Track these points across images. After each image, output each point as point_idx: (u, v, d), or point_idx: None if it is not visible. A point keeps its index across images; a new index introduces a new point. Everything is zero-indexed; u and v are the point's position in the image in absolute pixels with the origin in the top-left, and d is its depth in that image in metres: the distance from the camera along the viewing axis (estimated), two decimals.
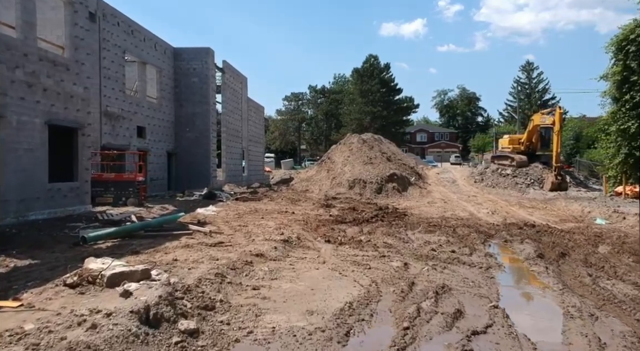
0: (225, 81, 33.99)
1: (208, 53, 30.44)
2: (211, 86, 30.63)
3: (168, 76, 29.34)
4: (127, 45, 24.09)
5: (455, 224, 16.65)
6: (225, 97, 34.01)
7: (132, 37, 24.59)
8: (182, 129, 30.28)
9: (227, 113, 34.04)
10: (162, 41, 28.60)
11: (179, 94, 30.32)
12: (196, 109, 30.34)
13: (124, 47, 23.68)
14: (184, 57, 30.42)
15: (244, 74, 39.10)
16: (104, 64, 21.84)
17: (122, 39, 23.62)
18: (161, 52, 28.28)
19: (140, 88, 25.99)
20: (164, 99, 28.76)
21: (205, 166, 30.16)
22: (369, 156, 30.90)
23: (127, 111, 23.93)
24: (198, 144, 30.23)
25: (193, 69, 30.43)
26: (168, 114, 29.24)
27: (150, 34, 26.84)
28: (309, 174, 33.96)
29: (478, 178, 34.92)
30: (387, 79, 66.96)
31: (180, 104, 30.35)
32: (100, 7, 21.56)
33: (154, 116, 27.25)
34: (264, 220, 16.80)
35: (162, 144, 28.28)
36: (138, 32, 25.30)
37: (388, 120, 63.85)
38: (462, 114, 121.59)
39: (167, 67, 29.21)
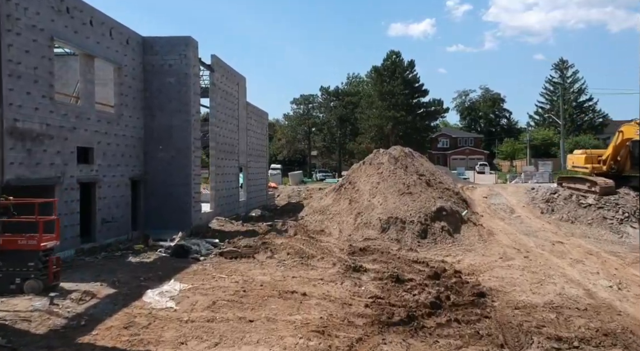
0: (214, 81, 26.08)
1: (188, 44, 22.53)
2: (193, 88, 22.72)
3: (133, 75, 21.48)
4: (57, 28, 16.26)
5: (594, 338, 8.88)
6: (215, 103, 26.10)
7: (65, 16, 16.75)
8: (154, 147, 22.40)
9: (217, 123, 26.13)
10: (123, 27, 20.77)
11: (149, 100, 22.45)
12: (173, 120, 22.43)
13: (49, 31, 15.85)
14: (156, 49, 22.55)
15: (241, 74, 31.25)
16: (10, 54, 14.01)
17: (48, 18, 15.80)
18: (120, 42, 20.42)
19: (85, 92, 18.15)
20: (126, 106, 20.89)
21: (185, 198, 22.24)
22: (406, 183, 22.80)
23: (56, 127, 16.09)
24: (175, 167, 22.32)
25: (169, 65, 22.53)
26: (132, 127, 21.37)
27: (101, 16, 19.02)
28: (324, 203, 25.93)
29: (545, 208, 26.66)
30: (411, 79, 58.57)
31: (151, 113, 22.47)
32: None
33: (109, 131, 19.40)
34: (254, 332, 9.01)
35: (123, 169, 20.42)
36: (78, 11, 17.47)
37: (412, 126, 55.54)
38: (486, 117, 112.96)
39: (132, 62, 21.36)
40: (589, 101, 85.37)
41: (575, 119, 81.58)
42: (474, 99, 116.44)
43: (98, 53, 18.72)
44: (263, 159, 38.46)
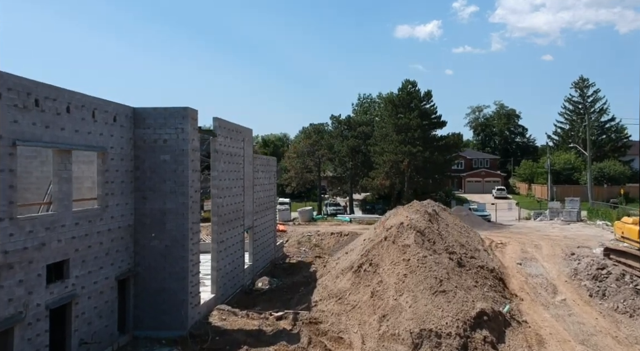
0: (216, 147, 23.13)
1: (186, 116, 19.54)
2: (191, 165, 19.73)
3: (121, 155, 18.53)
4: (21, 129, 13.32)
5: None
6: (217, 172, 23.14)
7: (33, 111, 13.81)
8: (145, 234, 19.42)
9: (219, 194, 23.17)
10: (109, 104, 17.84)
11: (140, 181, 19.49)
12: (167, 204, 19.44)
13: (11, 135, 12.90)
14: (149, 122, 19.59)
15: (246, 127, 28.34)
16: None
17: (9, 120, 12.85)
18: (105, 122, 17.48)
19: (59, 194, 15.18)
20: (112, 195, 17.93)
21: (181, 294, 19.21)
22: (438, 277, 19.60)
23: (19, 251, 13.12)
24: (170, 258, 19.32)
25: (163, 141, 19.55)
26: (120, 216, 18.40)
27: (81, 98, 16.08)
28: (341, 286, 22.81)
29: (594, 289, 23.38)
30: (428, 111, 55.20)
31: (142, 195, 19.49)
32: None
33: (90, 230, 16.43)
34: None
35: (108, 270, 17.44)
36: (50, 100, 14.53)
37: (430, 161, 52.10)
38: (501, 134, 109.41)
39: (119, 141, 18.41)
40: (611, 121, 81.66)
41: (597, 141, 77.85)
42: (488, 115, 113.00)
43: (76, 143, 15.78)
44: (271, 209, 35.45)
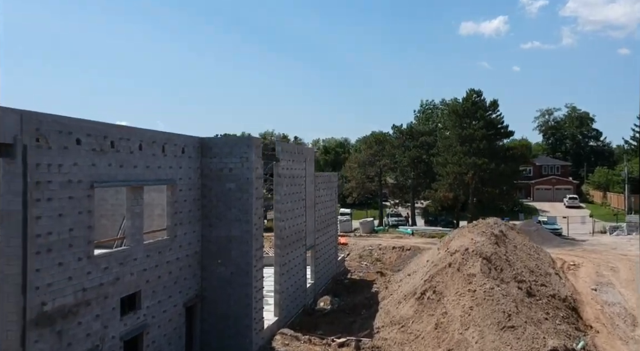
0: (279, 172, 23.49)
1: (250, 144, 19.94)
2: (255, 193, 20.10)
3: (189, 185, 19.18)
4: (98, 172, 14.07)
5: None
6: (280, 196, 23.50)
7: (109, 153, 14.55)
8: (211, 260, 20.01)
9: (281, 217, 23.52)
10: (179, 137, 18.55)
11: (207, 209, 20.09)
12: (232, 231, 19.92)
13: (89, 178, 13.66)
14: (215, 151, 20.16)
15: (308, 146, 28.47)
16: (39, 227, 11.83)
17: (87, 164, 13.62)
18: (175, 155, 18.16)
19: (132, 229, 15.91)
20: (181, 224, 18.60)
21: (245, 320, 19.62)
22: (506, 311, 18.85)
23: (95, 288, 13.86)
24: (234, 285, 19.78)
25: (229, 169, 20.05)
26: (188, 244, 19.06)
27: (152, 135, 16.82)
28: (404, 313, 22.46)
29: None
30: (494, 121, 53.27)
31: (209, 223, 20.09)
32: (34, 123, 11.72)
33: (160, 261, 17.12)
34: None
35: (176, 298, 18.11)
36: (124, 141, 15.27)
37: (496, 172, 50.25)
38: (572, 138, 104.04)
39: (187, 172, 19.06)
40: None
41: None
42: (558, 119, 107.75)
43: (148, 179, 16.49)
44: (333, 226, 35.52)
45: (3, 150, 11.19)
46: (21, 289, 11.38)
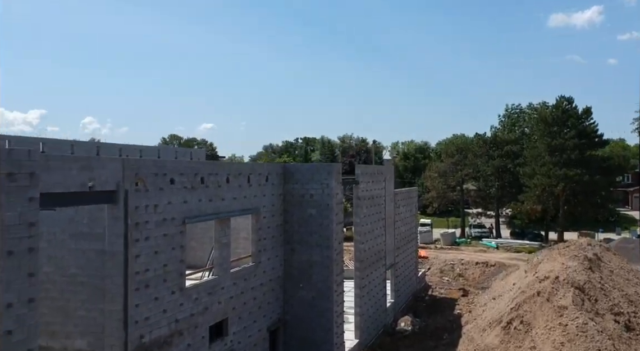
0: (359, 194, 23.57)
1: (330, 171, 20.23)
2: (336, 219, 20.35)
3: (272, 211, 19.79)
4: (189, 207, 14.90)
5: None
6: (359, 219, 23.59)
7: (200, 189, 15.36)
8: (294, 284, 20.50)
9: (361, 239, 23.61)
10: (263, 166, 19.20)
11: (289, 234, 20.62)
12: (314, 256, 20.31)
13: (181, 215, 14.51)
14: (296, 178, 20.64)
15: (388, 164, 28.38)
16: (137, 266, 12.76)
17: (180, 201, 14.47)
18: (259, 184, 18.80)
19: (220, 259, 16.69)
20: (264, 251, 19.23)
21: (326, 345, 19.91)
22: (602, 349, 17.70)
23: (187, 318, 14.70)
24: (316, 309, 20.14)
25: (310, 195, 20.46)
26: (271, 268, 19.66)
27: (239, 167, 17.54)
28: (488, 341, 21.73)
29: None
30: (587, 129, 49.93)
31: (291, 247, 20.61)
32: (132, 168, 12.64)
33: (245, 288, 17.82)
34: None
35: (260, 322, 18.75)
36: (213, 176, 16.05)
37: (590, 185, 47.00)
38: None
39: (271, 199, 19.67)
40: None
41: None
42: None
43: (234, 209, 17.22)
44: (413, 242, 35.06)
45: (107, 196, 12.17)
46: (123, 324, 12.32)
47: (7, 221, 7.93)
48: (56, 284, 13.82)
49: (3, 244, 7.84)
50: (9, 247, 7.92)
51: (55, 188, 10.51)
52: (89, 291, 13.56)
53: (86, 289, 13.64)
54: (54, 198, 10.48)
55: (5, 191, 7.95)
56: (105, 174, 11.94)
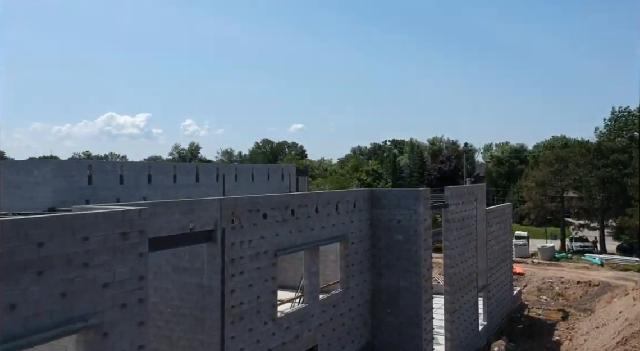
0: (448, 217, 23.12)
1: (418, 197, 20.07)
2: (424, 245, 20.16)
3: (360, 237, 20.01)
4: (280, 240, 15.53)
5: None
6: (449, 242, 23.13)
7: (290, 221, 15.95)
8: (381, 309, 20.58)
9: (450, 263, 23.14)
10: (350, 193, 19.54)
11: (376, 258, 20.74)
12: (401, 281, 20.26)
13: (273, 248, 15.15)
14: (383, 203, 20.71)
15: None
16: (233, 299, 13.53)
17: (271, 235, 15.12)
18: (347, 211, 19.11)
19: (309, 287, 17.20)
20: (353, 276, 19.50)
21: None
22: None
23: (279, 345, 15.31)
24: (404, 336, 20.07)
25: (397, 221, 20.44)
26: (359, 293, 19.89)
27: (327, 196, 17.96)
28: None
29: None
30: None
31: (378, 272, 20.72)
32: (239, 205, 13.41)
33: (334, 314, 18.19)
34: None
35: (348, 348, 19.04)
36: (303, 207, 16.58)
37: None
38: None
39: (359, 225, 19.90)
40: None
41: None
42: None
43: (323, 238, 17.66)
44: (507, 260, 33.64)
45: (206, 235, 13.04)
46: None
47: (120, 276, 8.82)
48: (162, 314, 15.04)
49: (118, 297, 8.74)
50: (122, 300, 8.81)
51: (161, 232, 11.47)
52: (190, 322, 14.60)
53: (188, 320, 14.71)
54: (159, 241, 11.43)
55: (120, 249, 8.86)
56: (204, 215, 12.80)
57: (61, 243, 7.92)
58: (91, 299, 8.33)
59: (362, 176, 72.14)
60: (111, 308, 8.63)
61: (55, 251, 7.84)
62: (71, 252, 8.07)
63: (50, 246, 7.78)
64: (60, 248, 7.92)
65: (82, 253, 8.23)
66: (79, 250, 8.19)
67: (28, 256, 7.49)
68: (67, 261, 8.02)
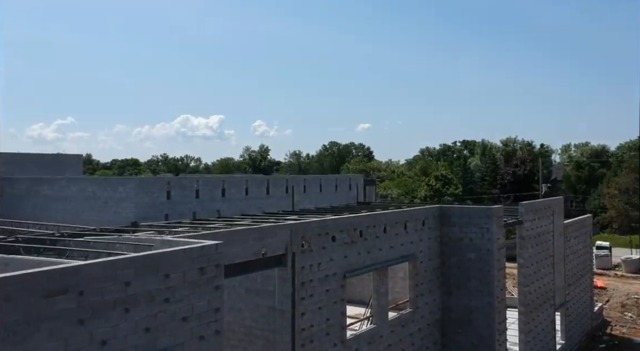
0: (523, 234, 22.29)
1: (490, 215, 19.52)
2: (497, 265, 19.58)
3: (429, 255, 19.75)
4: (349, 262, 15.65)
5: None
6: (523, 259, 22.32)
7: (358, 243, 16.06)
8: (452, 329, 20.19)
9: (526, 282, 22.36)
10: (419, 211, 19.31)
11: (446, 277, 20.36)
12: (473, 301, 19.78)
13: (342, 269, 15.31)
14: (454, 221, 20.31)
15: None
16: (305, 317, 13.83)
17: (340, 256, 15.29)
18: (415, 229, 18.93)
19: (378, 308, 17.20)
20: (422, 295, 19.28)
21: None
22: None
23: None
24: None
25: (468, 239, 19.98)
26: (429, 312, 19.63)
27: (396, 215, 17.89)
28: None
29: None
30: None
31: (448, 291, 20.34)
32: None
33: (403, 334, 18.07)
34: None
35: None
36: (371, 228, 16.61)
37: None
38: None
39: (428, 243, 19.65)
40: None
41: None
42: None
43: (391, 258, 17.61)
44: (586, 275, 31.88)
45: (277, 260, 13.41)
46: None
47: (198, 309, 9.29)
48: (235, 333, 15.62)
49: (196, 330, 9.21)
50: (200, 332, 9.28)
51: (235, 259, 11.94)
52: (262, 344, 15.07)
53: (260, 341, 15.19)
54: (234, 268, 11.91)
55: (197, 284, 9.33)
56: (276, 241, 13.18)
57: (145, 281, 8.47)
58: (172, 332, 8.83)
59: (430, 181, 70.78)
60: (190, 340, 9.11)
61: (140, 288, 8.39)
62: (154, 289, 8.60)
63: (135, 285, 8.34)
64: (145, 286, 8.47)
65: (163, 289, 8.75)
66: (161, 287, 8.72)
67: (117, 295, 8.08)
68: (151, 298, 8.55)
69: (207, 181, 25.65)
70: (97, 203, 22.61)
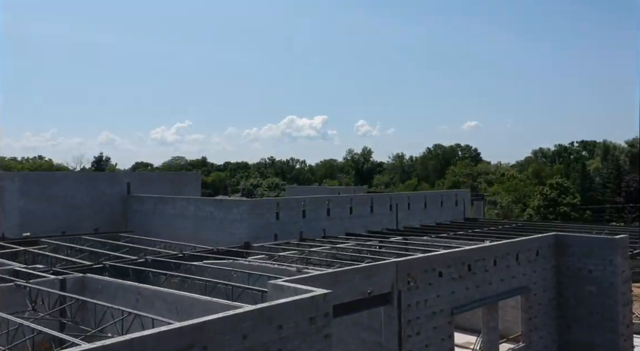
0: None
1: (614, 246, 18.02)
2: (622, 299, 18.03)
3: (543, 287, 18.69)
4: (457, 297, 15.32)
5: None
6: None
7: (466, 277, 15.66)
8: None
9: None
10: (533, 241, 18.41)
11: (563, 310, 19.14)
12: (594, 338, 18.38)
13: (449, 305, 15.04)
14: (572, 250, 19.04)
15: None
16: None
17: (448, 292, 15.02)
18: (528, 260, 18.03)
19: (489, 342, 16.61)
20: (536, 329, 18.28)
21: None
22: None
23: None
24: None
25: (588, 271, 18.63)
26: (544, 347, 18.57)
27: (506, 247, 17.21)
28: None
29: None
30: None
31: (566, 324, 19.09)
32: None
33: None
34: None
35: None
36: (481, 261, 16.13)
37: None
38: None
39: (542, 274, 18.61)
40: None
41: None
42: None
43: (502, 292, 16.94)
44: None
45: (383, 298, 13.53)
46: None
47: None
48: None
49: None
50: None
51: (343, 298, 12.26)
52: None
53: None
54: (341, 308, 12.22)
55: (308, 333, 9.75)
56: (381, 279, 13.31)
57: (261, 333, 9.03)
58: None
59: (545, 190, 66.42)
60: None
61: (256, 340, 8.97)
62: (269, 340, 9.15)
63: (252, 336, 8.92)
64: (260, 337, 9.03)
65: (277, 340, 9.27)
66: (275, 338, 9.24)
67: (236, 347, 8.71)
68: (266, 349, 9.11)
69: (313, 201, 26.47)
70: (213, 223, 24.33)
